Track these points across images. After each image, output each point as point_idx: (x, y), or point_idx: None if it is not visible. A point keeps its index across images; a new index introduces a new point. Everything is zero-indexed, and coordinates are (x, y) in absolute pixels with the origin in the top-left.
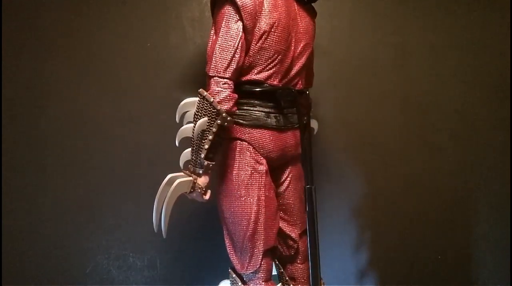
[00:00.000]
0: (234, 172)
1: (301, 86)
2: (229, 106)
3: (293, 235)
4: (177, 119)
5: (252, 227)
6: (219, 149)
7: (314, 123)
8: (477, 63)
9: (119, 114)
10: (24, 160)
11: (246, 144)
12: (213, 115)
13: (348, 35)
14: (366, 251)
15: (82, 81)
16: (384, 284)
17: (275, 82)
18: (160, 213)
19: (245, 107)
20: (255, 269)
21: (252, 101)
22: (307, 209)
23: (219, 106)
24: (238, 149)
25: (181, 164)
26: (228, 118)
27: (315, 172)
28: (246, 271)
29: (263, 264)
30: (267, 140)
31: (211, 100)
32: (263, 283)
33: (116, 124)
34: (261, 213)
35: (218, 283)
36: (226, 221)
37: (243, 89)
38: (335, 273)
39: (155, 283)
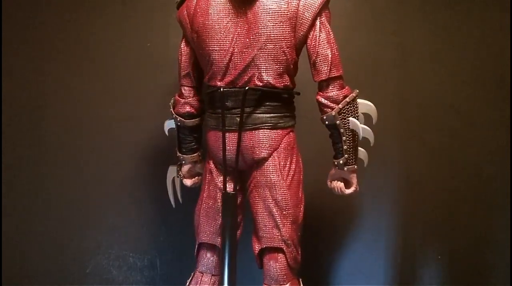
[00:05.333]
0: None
1: (258, 83)
2: (176, 109)
3: (254, 247)
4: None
5: (194, 218)
6: (189, 145)
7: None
8: (477, 63)
9: (119, 114)
10: (24, 159)
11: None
12: (172, 116)
13: (348, 35)
14: (365, 251)
15: (82, 81)
16: (383, 284)
17: (217, 83)
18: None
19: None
20: (195, 256)
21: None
22: (222, 217)
23: (171, 109)
24: None
25: None
26: (178, 118)
27: (315, 172)
28: None
29: (199, 255)
30: (210, 142)
31: (170, 103)
32: (198, 272)
33: (116, 124)
34: (202, 207)
35: None
36: None
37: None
38: (334, 273)
39: (155, 283)
